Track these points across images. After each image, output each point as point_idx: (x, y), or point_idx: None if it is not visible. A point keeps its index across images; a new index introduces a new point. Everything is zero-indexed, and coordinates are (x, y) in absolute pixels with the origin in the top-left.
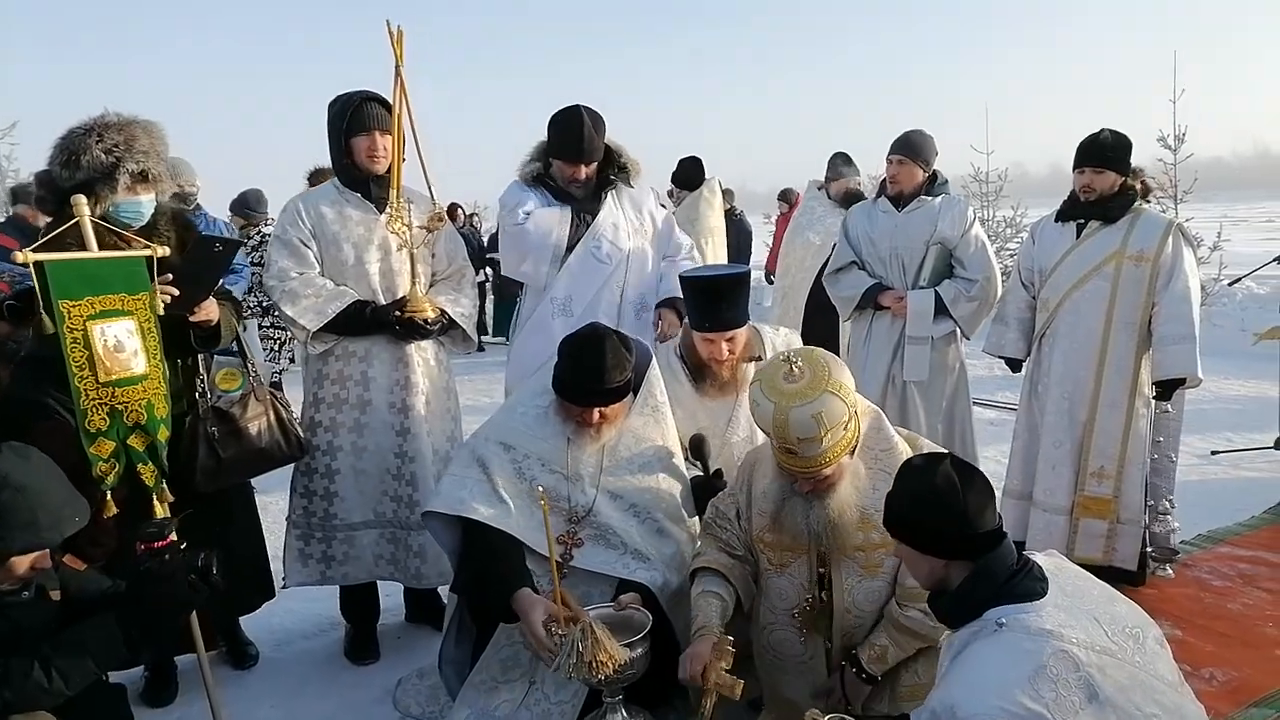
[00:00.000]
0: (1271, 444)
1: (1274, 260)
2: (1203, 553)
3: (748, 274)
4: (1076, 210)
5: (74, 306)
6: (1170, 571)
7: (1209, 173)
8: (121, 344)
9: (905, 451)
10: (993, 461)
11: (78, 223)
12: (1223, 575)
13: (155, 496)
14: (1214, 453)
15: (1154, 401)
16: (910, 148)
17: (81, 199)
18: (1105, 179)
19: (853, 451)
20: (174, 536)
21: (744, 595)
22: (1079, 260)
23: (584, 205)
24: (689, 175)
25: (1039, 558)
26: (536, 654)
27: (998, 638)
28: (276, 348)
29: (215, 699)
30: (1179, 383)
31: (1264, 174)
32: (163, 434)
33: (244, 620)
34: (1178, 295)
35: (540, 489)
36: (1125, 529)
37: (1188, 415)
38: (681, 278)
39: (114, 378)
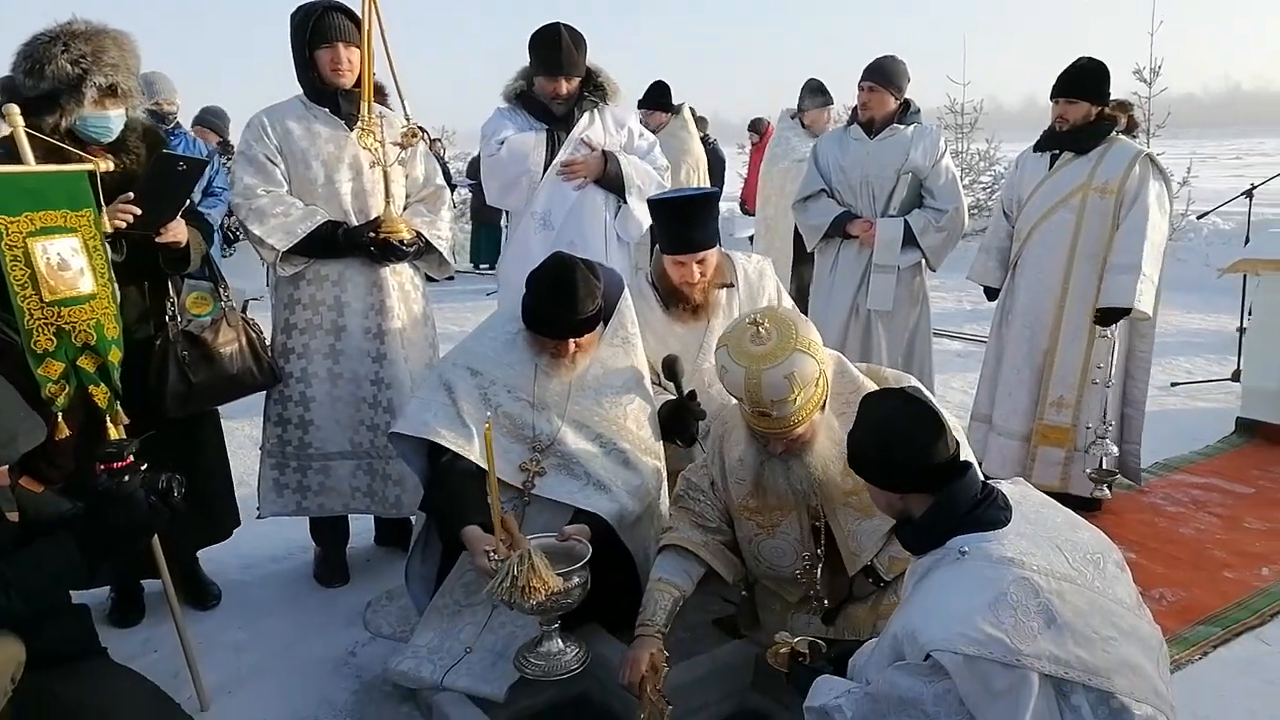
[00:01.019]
0: (1229, 376)
1: (1241, 195)
2: (1159, 480)
3: (716, 194)
4: (1052, 141)
5: (12, 223)
6: (1108, 493)
7: (1181, 108)
8: (66, 262)
9: (870, 387)
10: (959, 392)
11: (12, 134)
12: (1177, 501)
13: (109, 419)
14: (1174, 384)
15: (1112, 330)
16: (882, 74)
17: (14, 108)
18: (1078, 109)
19: (824, 406)
20: (133, 458)
21: (721, 568)
22: (1050, 191)
23: (561, 126)
24: (656, 98)
25: (1004, 486)
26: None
27: (960, 565)
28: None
29: (180, 620)
30: (1122, 312)
31: (1235, 111)
32: (114, 355)
33: (210, 546)
34: (1131, 225)
35: (488, 416)
36: (1082, 457)
37: None
38: (650, 201)
39: (59, 297)
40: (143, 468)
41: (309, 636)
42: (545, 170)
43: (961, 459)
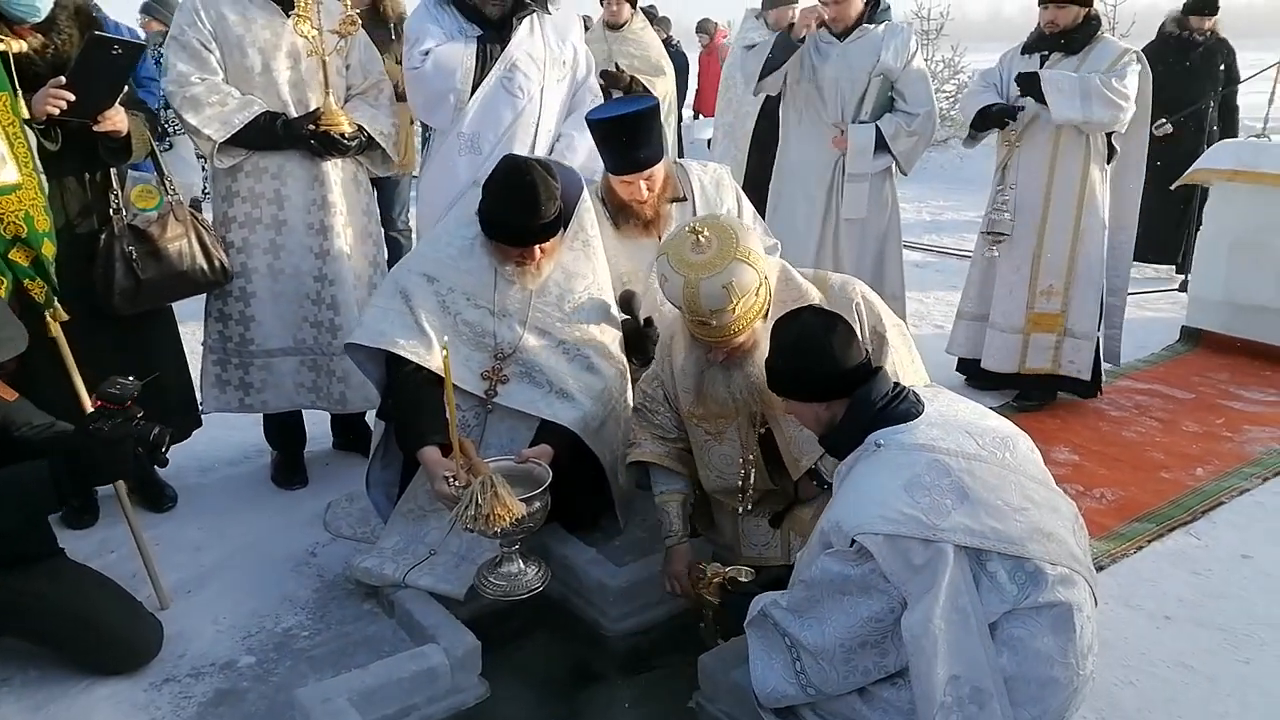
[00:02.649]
0: (1177, 286)
1: (1198, 107)
2: (1106, 385)
3: (656, 106)
4: (1042, 43)
5: None
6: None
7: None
8: None
9: (815, 294)
10: (915, 301)
11: None
12: (1120, 406)
13: (49, 315)
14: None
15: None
16: None
17: None
18: (1068, 13)
19: (766, 315)
20: (133, 405)
21: (688, 469)
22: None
23: (494, 36)
24: None
25: (916, 387)
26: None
27: (876, 456)
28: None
29: (134, 520)
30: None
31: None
32: (48, 249)
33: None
34: (1098, 77)
35: (445, 338)
36: (1075, 342)
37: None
38: (588, 119)
39: None
40: (139, 415)
41: (269, 537)
42: (475, 88)
43: (874, 363)
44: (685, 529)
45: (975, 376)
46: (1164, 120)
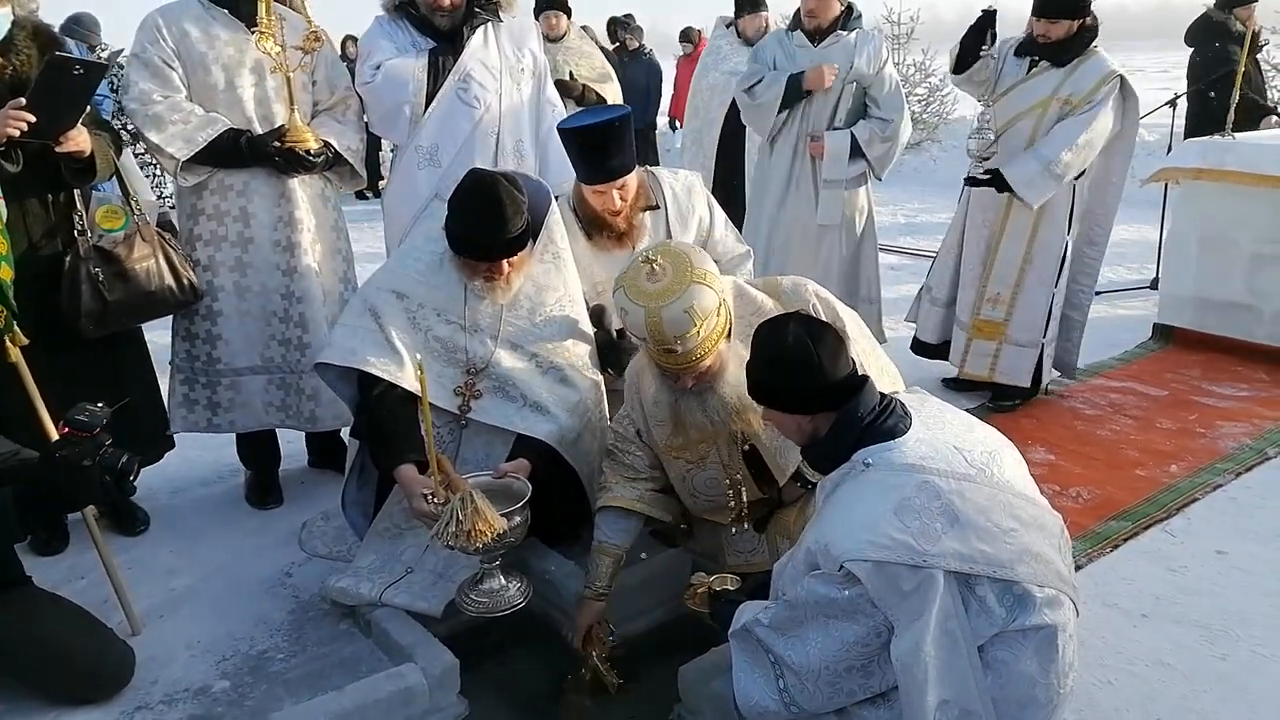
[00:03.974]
0: (1148, 284)
1: (1165, 105)
2: (1079, 385)
3: (628, 116)
4: (1033, 48)
5: None
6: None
7: (1112, 22)
8: None
9: (770, 304)
10: (889, 303)
11: None
12: (1095, 405)
13: (7, 339)
14: (1097, 292)
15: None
16: None
17: None
18: (1060, 27)
19: (728, 334)
20: (101, 432)
21: (659, 515)
22: (1019, 98)
23: (447, 48)
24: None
25: (902, 395)
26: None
27: (865, 477)
28: (160, 173)
29: (102, 546)
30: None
31: (1163, 23)
32: (4, 272)
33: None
34: (1068, 127)
35: (419, 357)
36: (1017, 350)
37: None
38: (559, 129)
39: None
40: (107, 442)
41: (243, 558)
42: (430, 101)
43: (860, 373)
44: (607, 586)
45: (950, 379)
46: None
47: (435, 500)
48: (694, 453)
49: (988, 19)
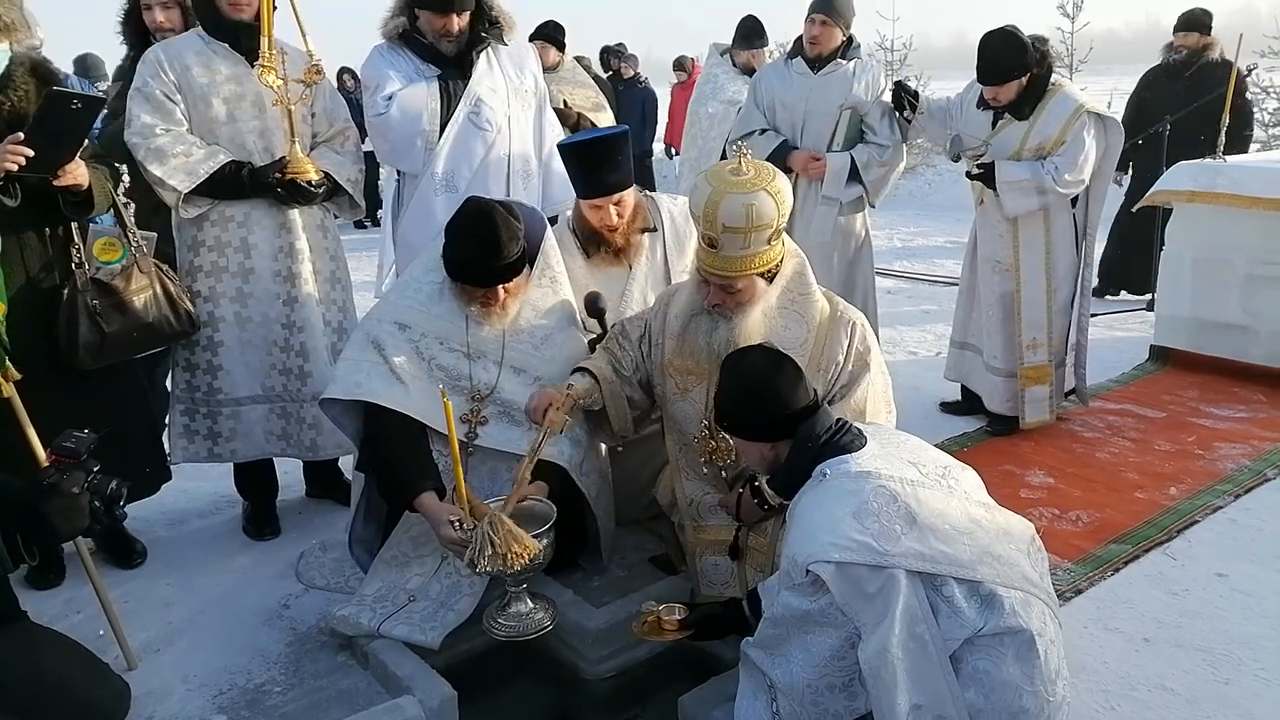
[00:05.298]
0: (1144, 306)
1: (1156, 130)
2: (1077, 408)
3: (626, 134)
4: (991, 105)
5: None
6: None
7: (1103, 45)
8: None
9: (821, 303)
10: (886, 329)
11: None
12: (1093, 427)
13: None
14: (1093, 315)
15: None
16: (834, 8)
17: None
18: (1009, 89)
19: (771, 278)
20: (89, 458)
21: (611, 412)
22: (991, 152)
23: (454, 73)
24: (548, 33)
25: (858, 424)
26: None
27: (823, 486)
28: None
29: (97, 580)
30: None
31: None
32: None
33: (135, 502)
34: (1059, 163)
35: (440, 385)
36: (1060, 372)
37: None
38: (560, 146)
39: None
40: (95, 469)
41: (240, 590)
42: (444, 128)
43: (813, 401)
44: (581, 384)
45: (948, 402)
46: None
47: (466, 526)
48: (683, 380)
49: (894, 95)
